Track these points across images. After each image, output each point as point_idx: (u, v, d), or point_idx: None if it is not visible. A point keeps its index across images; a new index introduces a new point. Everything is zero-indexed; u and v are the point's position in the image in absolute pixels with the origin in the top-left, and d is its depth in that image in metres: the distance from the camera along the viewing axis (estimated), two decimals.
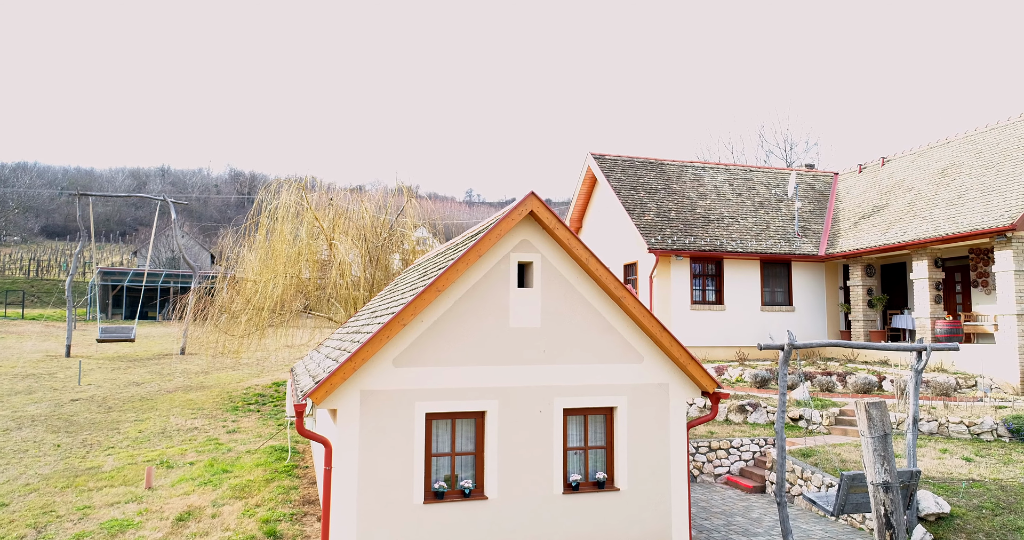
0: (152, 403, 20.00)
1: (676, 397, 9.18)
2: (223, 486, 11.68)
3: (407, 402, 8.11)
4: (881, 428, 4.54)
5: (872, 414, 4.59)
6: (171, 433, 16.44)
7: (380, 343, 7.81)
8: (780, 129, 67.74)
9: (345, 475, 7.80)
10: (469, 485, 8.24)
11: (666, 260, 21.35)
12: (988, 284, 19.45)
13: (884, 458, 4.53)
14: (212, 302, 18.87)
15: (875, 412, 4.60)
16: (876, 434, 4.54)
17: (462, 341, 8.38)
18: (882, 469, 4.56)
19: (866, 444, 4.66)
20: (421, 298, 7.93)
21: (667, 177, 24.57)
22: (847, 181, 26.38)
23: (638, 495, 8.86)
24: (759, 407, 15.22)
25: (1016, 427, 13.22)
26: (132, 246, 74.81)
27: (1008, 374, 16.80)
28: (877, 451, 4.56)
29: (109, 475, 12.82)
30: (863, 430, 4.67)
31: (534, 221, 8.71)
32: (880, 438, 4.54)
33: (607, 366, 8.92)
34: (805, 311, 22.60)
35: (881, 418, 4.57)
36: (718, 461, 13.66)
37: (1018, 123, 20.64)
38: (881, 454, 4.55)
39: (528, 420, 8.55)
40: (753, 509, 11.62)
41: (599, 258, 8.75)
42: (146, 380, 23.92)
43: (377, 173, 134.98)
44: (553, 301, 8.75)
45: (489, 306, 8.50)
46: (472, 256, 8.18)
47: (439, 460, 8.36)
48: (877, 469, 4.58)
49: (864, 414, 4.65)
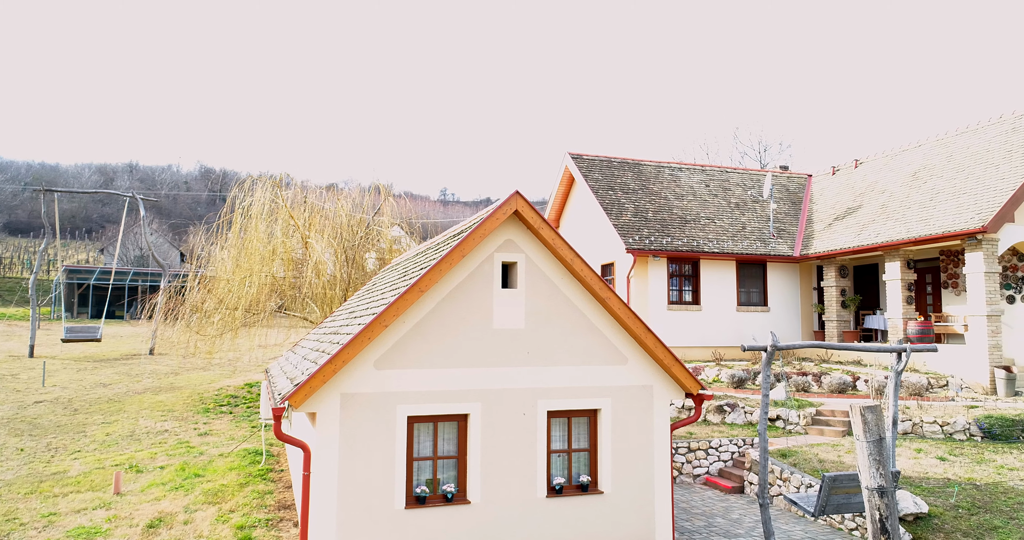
0: (120, 405, 19.49)
1: (660, 399, 9.13)
2: (195, 491, 11.37)
3: (388, 405, 7.93)
4: (876, 432, 4.50)
5: (867, 418, 4.55)
6: (140, 436, 16.01)
7: (361, 345, 7.62)
8: (754, 131, 68.60)
9: (324, 480, 7.60)
10: (451, 489, 8.09)
11: (643, 260, 21.38)
12: (958, 285, 19.80)
13: (879, 462, 4.49)
14: (183, 301, 18.43)
15: (870, 416, 4.56)
16: (871, 438, 4.50)
17: (445, 343, 8.22)
18: (877, 473, 4.51)
19: (861, 448, 4.62)
20: (403, 299, 7.76)
21: (644, 177, 24.63)
22: (821, 183, 26.70)
23: (622, 498, 8.79)
24: (737, 407, 15.28)
25: (988, 426, 13.44)
26: (99, 243, 73.13)
27: (978, 374, 17.10)
28: (872, 455, 4.52)
29: (75, 480, 12.41)
30: (858, 434, 4.62)
31: (518, 221, 8.59)
32: (875, 442, 4.50)
33: (591, 368, 8.84)
34: (780, 311, 22.81)
35: (876, 422, 4.53)
36: (697, 462, 13.67)
37: (988, 127, 21.04)
38: (876, 458, 4.50)
39: (512, 423, 8.42)
40: (733, 510, 11.63)
41: (584, 258, 8.65)
42: (114, 381, 23.31)
43: (351, 171, 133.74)
44: (537, 302, 8.63)
45: (472, 307, 8.36)
46: (456, 256, 8.03)
47: (421, 464, 8.19)
48: (872, 474, 4.53)
49: (859, 418, 4.60)
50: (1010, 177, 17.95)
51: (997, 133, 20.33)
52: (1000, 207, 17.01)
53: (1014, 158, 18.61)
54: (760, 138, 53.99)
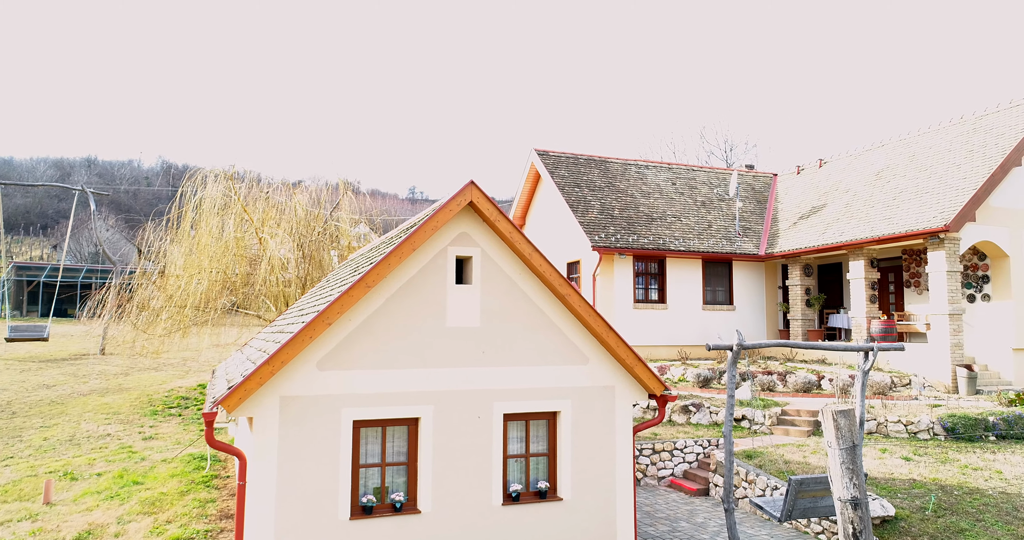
0: (63, 407, 18.52)
1: (622, 400, 8.73)
2: (132, 500, 10.66)
3: (333, 409, 7.39)
4: (849, 438, 4.13)
5: (840, 423, 4.18)
6: (80, 440, 15.15)
7: (302, 344, 7.08)
8: (721, 130, 69.11)
9: (262, 490, 7.04)
10: (401, 498, 7.58)
11: (609, 258, 21.07)
12: (920, 284, 19.87)
13: (852, 472, 4.13)
14: (130, 299, 17.56)
15: (843, 421, 4.19)
16: (844, 445, 4.13)
17: (394, 342, 7.71)
18: (851, 484, 4.15)
19: (833, 456, 4.25)
20: (348, 295, 7.23)
21: (611, 175, 24.35)
22: (786, 182, 26.72)
23: (582, 504, 8.37)
24: (702, 407, 15.02)
25: (951, 426, 13.36)
26: (53, 240, 70.73)
27: (940, 373, 17.12)
28: (845, 464, 4.15)
29: (3, 489, 11.60)
30: (830, 440, 4.25)
31: (474, 213, 8.11)
32: (848, 449, 4.13)
33: (550, 368, 8.40)
34: (746, 310, 22.70)
35: (849, 427, 4.15)
36: (661, 463, 13.36)
37: (949, 128, 21.18)
38: (849, 467, 4.14)
39: (466, 427, 7.95)
40: (698, 513, 11.32)
41: (543, 253, 8.21)
42: (58, 382, 22.22)
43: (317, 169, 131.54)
44: (494, 299, 8.17)
45: (424, 304, 7.86)
46: (406, 249, 7.53)
47: (368, 471, 7.67)
48: (845, 484, 4.16)
49: (831, 423, 4.23)
50: (971, 176, 18.04)
51: (959, 133, 20.47)
52: (962, 206, 17.05)
53: (975, 158, 18.72)
54: (726, 138, 54.27)
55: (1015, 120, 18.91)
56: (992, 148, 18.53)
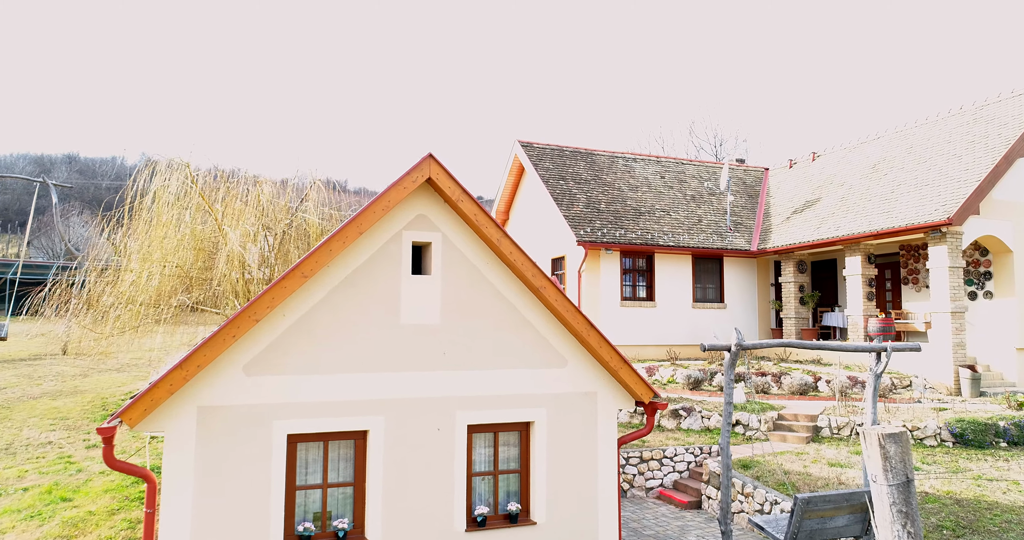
0: (7, 412, 17.21)
1: (605, 408, 7.66)
2: (54, 520, 9.47)
3: (263, 421, 6.26)
4: (903, 472, 3.02)
5: (889, 451, 3.06)
6: (17, 449, 13.89)
7: (224, 344, 5.95)
8: (710, 125, 68.33)
9: (173, 520, 5.90)
10: (345, 525, 6.46)
11: (595, 254, 20.02)
12: (919, 281, 18.97)
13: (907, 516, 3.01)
14: (80, 295, 16.35)
15: (893, 449, 3.07)
16: (896, 479, 3.04)
17: (338, 341, 6.59)
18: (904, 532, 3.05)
19: (880, 495, 3.13)
20: (280, 286, 6.10)
21: (597, 167, 23.30)
22: (778, 176, 25.80)
23: (558, 528, 7.29)
24: (693, 411, 13.99)
25: (959, 431, 12.42)
26: (31, 236, 68.82)
27: (942, 374, 16.20)
28: (896, 505, 3.04)
29: None
30: (874, 473, 3.16)
31: (433, 191, 7.00)
32: (901, 486, 3.03)
33: (523, 371, 7.31)
34: (737, 308, 21.72)
35: (902, 457, 3.06)
36: (650, 473, 12.31)
37: (948, 118, 20.31)
38: (903, 510, 3.01)
39: (423, 440, 6.84)
40: (689, 529, 10.27)
41: (513, 239, 7.11)
42: (10, 384, 20.87)
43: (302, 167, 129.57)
44: (456, 292, 7.07)
45: (374, 297, 6.74)
46: (351, 232, 6.40)
47: (307, 494, 6.54)
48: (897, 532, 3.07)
49: (878, 450, 3.10)
50: (973, 168, 17.14)
51: (958, 124, 19.59)
52: (965, 198, 16.14)
53: (977, 149, 17.83)
54: (716, 132, 53.35)
55: (1018, 109, 18.03)
56: (995, 138, 17.65)
